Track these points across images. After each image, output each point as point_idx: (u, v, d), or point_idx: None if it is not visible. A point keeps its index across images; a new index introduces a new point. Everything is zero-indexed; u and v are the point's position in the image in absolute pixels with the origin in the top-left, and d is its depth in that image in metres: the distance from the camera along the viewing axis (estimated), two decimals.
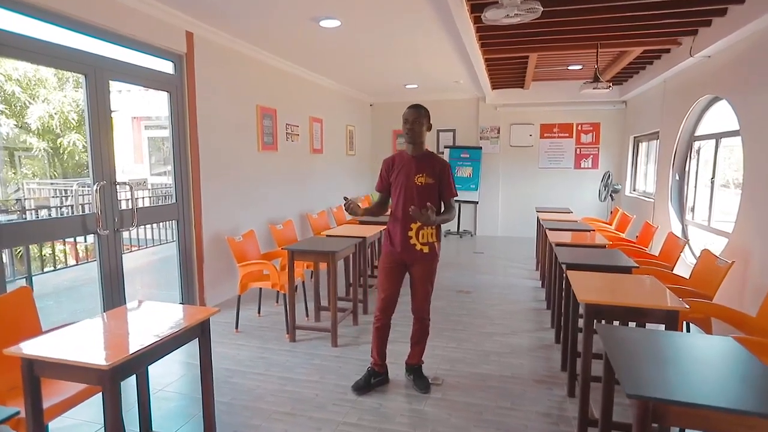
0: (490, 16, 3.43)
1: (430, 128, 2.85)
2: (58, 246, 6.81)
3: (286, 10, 3.87)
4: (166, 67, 4.06)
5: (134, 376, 2.23)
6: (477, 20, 4.02)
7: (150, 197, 8.98)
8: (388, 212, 2.96)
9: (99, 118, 3.34)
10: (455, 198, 2.87)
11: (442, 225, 2.88)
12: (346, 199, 2.70)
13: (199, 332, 2.08)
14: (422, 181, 2.76)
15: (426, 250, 2.81)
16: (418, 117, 2.75)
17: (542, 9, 3.27)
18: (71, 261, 7.02)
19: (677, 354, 1.66)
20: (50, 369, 1.64)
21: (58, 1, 2.99)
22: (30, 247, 5.73)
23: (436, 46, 5.03)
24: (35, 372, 1.65)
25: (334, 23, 4.16)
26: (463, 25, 4.06)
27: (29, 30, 2.91)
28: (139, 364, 1.72)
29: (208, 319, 2.11)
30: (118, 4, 3.42)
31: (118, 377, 1.59)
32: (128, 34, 3.55)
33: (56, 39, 3.06)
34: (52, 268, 6.16)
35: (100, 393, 1.86)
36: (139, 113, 10.97)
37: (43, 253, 6.42)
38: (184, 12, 3.91)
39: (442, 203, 2.86)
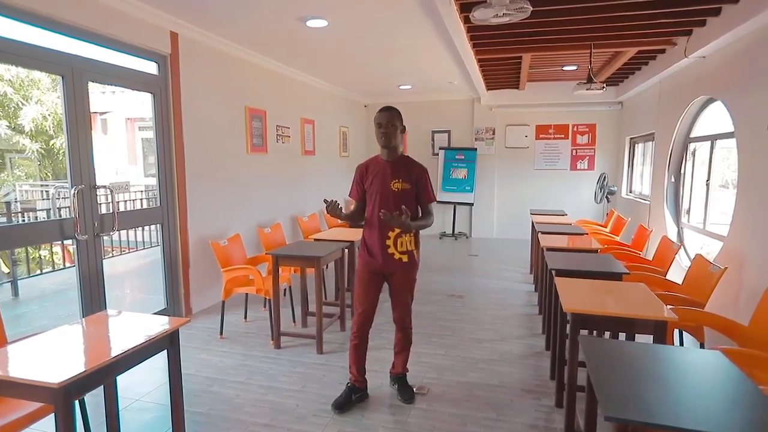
0: (479, 15, 3.35)
1: (404, 130, 2.74)
2: (53, 248, 6.73)
3: (271, 10, 3.79)
4: (150, 67, 3.97)
5: (102, 387, 2.16)
6: (467, 20, 3.94)
7: (142, 199, 8.89)
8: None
9: (77, 121, 3.26)
10: (434, 203, 2.77)
11: (421, 231, 2.78)
12: (326, 201, 2.57)
13: (168, 343, 2.00)
14: (399, 186, 2.65)
15: (405, 259, 2.70)
16: (391, 119, 2.63)
17: (531, 9, 3.19)
18: (67, 263, 6.94)
19: (661, 370, 1.58)
20: (0, 386, 1.55)
21: (36, 2, 2.91)
22: (17, 250, 5.65)
23: (427, 46, 4.96)
24: None
25: (321, 23, 4.08)
26: (453, 25, 3.98)
27: (4, 30, 2.83)
28: (96, 379, 1.64)
29: (177, 330, 2.03)
30: (99, 4, 3.34)
31: (71, 395, 1.51)
32: (109, 34, 3.47)
33: (32, 39, 2.98)
34: (39, 272, 6.08)
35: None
36: (132, 114, 10.90)
37: (36, 256, 6.34)
38: (168, 12, 3.83)
39: (420, 209, 2.75)
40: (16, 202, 8.46)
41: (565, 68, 6.46)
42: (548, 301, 3.50)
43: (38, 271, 6.15)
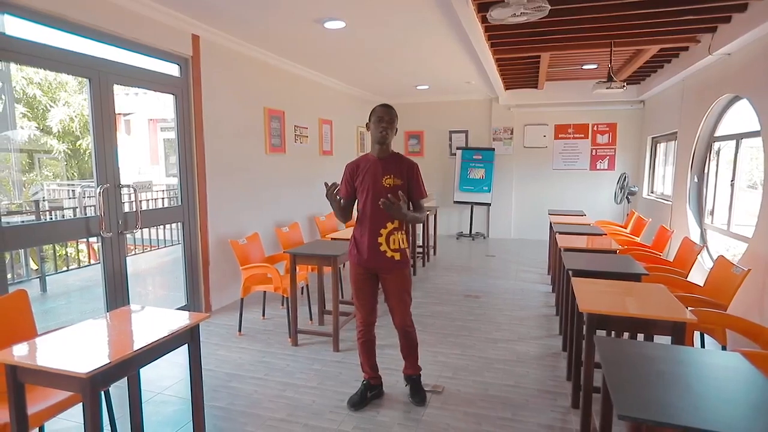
0: (496, 15, 3.35)
1: (396, 131, 2.74)
2: (78, 246, 6.94)
3: (289, 12, 3.85)
4: (172, 70, 4.07)
5: (126, 380, 2.23)
6: (484, 20, 3.93)
7: (164, 198, 9.09)
8: (353, 219, 2.82)
9: (103, 122, 3.37)
10: (425, 198, 2.77)
11: (416, 229, 2.77)
12: (326, 184, 2.58)
13: (189, 338, 2.06)
14: (390, 182, 2.65)
15: (398, 256, 2.68)
16: (392, 116, 2.64)
17: (550, 7, 3.18)
18: (92, 260, 7.14)
19: (678, 371, 1.56)
20: (32, 375, 1.63)
21: (64, 8, 3.02)
22: (45, 247, 5.85)
23: (444, 46, 4.96)
24: (19, 378, 1.65)
25: (338, 24, 4.12)
26: (470, 25, 3.98)
27: (34, 35, 2.94)
28: (121, 371, 1.71)
29: (198, 325, 2.08)
30: (124, 9, 3.44)
31: (97, 385, 1.57)
32: (133, 38, 3.58)
33: (60, 43, 3.09)
34: (66, 268, 6.27)
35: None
36: (155, 115, 11.15)
37: (63, 253, 6.55)
38: (190, 15, 3.92)
39: (412, 204, 2.74)
40: (44, 200, 8.73)
41: (584, 67, 6.39)
42: (565, 302, 3.48)
43: (65, 268, 6.35)
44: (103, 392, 2.19)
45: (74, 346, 1.79)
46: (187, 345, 2.07)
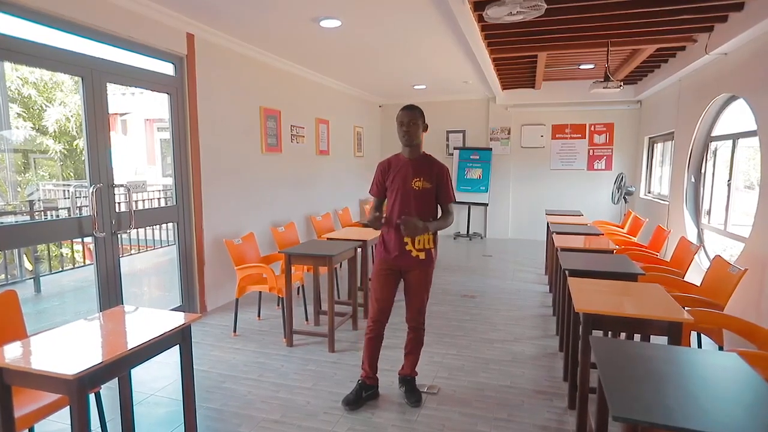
0: (492, 13, 3.33)
1: (426, 128, 2.75)
2: (74, 246, 6.89)
3: (285, 11, 3.82)
4: (167, 68, 4.05)
5: (117, 380, 2.20)
6: (481, 18, 3.92)
7: (159, 198, 9.05)
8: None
9: (96, 120, 3.34)
10: (454, 203, 2.78)
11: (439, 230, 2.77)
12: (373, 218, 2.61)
13: (180, 339, 2.03)
14: (419, 185, 2.66)
15: (422, 256, 2.70)
16: (413, 118, 2.64)
17: (546, 6, 3.16)
18: (87, 261, 7.09)
19: (674, 371, 1.54)
20: (19, 378, 1.60)
21: (57, 6, 2.99)
22: (40, 247, 5.81)
23: (441, 46, 4.94)
24: (5, 380, 1.62)
25: (334, 23, 4.10)
26: (467, 24, 3.97)
27: (26, 33, 2.91)
28: (109, 372, 1.68)
29: (189, 326, 2.06)
30: (118, 6, 3.41)
31: (85, 387, 1.55)
32: (127, 36, 3.55)
33: (53, 42, 3.07)
34: (60, 269, 6.23)
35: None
36: (152, 115, 11.10)
37: (58, 253, 6.50)
38: (185, 14, 3.89)
39: (440, 208, 2.76)
40: (39, 201, 8.68)
41: (581, 67, 6.38)
42: (562, 302, 3.46)
43: (60, 269, 6.30)
44: (93, 394, 2.16)
45: (63, 347, 1.76)
46: (178, 345, 2.05)
